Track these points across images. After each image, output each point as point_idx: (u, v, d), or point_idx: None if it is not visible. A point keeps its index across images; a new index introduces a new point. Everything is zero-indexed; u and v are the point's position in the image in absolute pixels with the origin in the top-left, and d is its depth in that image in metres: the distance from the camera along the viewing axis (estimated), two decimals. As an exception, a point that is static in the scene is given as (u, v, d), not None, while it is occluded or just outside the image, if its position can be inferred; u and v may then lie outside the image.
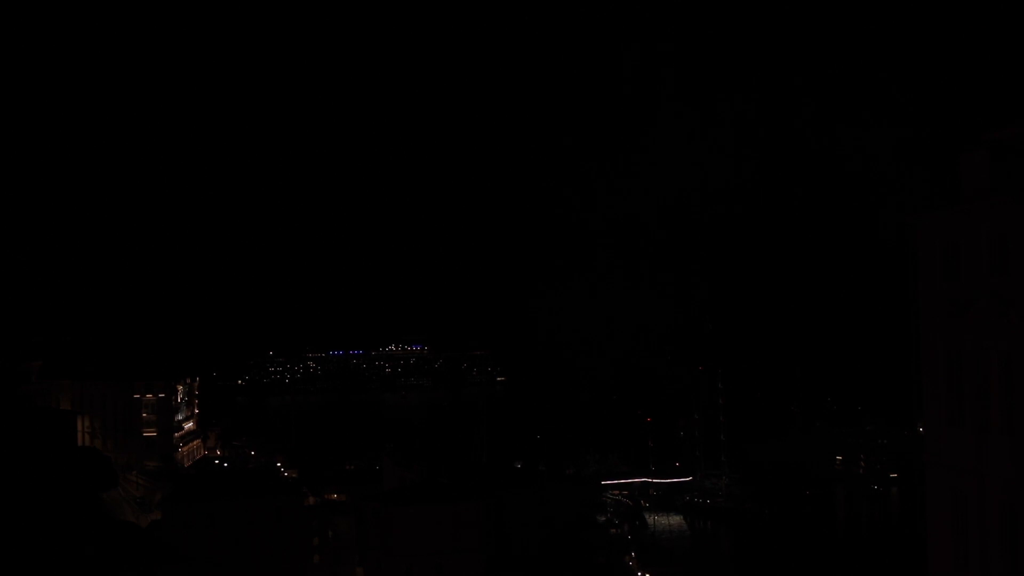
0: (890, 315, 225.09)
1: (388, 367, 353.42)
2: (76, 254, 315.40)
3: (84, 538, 78.97)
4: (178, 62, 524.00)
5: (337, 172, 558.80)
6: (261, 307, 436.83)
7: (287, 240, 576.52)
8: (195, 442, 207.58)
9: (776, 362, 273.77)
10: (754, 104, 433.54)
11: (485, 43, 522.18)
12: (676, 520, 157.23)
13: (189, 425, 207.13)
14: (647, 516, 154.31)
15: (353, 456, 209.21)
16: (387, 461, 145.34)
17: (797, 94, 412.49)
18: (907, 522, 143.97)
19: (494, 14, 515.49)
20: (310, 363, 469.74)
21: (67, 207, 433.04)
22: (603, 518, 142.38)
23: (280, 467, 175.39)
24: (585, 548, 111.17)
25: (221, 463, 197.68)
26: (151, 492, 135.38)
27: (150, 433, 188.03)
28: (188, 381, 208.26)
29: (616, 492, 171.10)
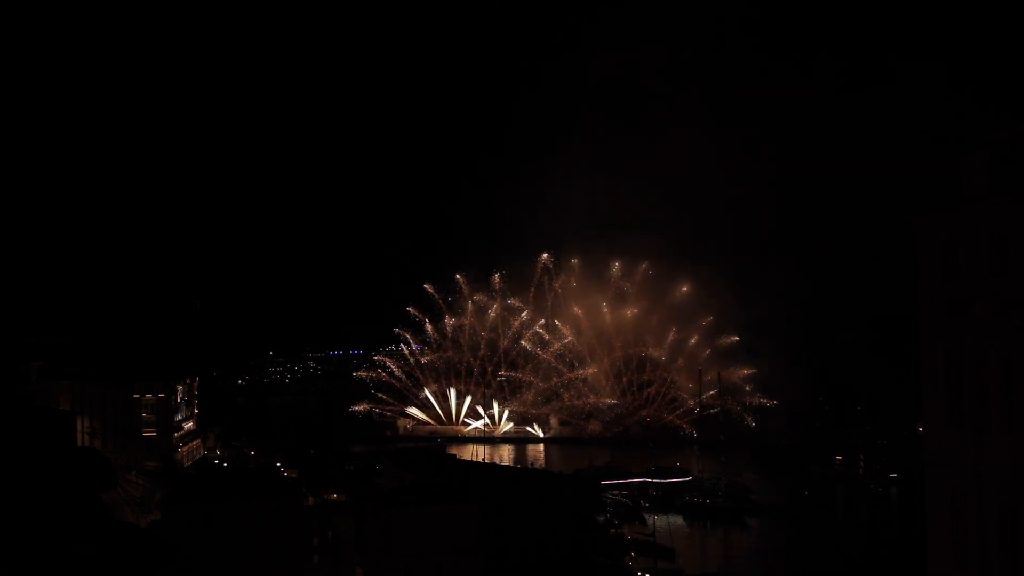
0: (890, 315, 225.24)
1: (389, 365, 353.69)
2: (76, 254, 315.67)
3: (84, 538, 78.97)
4: (178, 64, 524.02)
5: (337, 172, 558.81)
6: (261, 307, 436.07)
7: (288, 240, 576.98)
8: (195, 442, 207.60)
9: (776, 362, 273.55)
10: (757, 102, 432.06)
11: (487, 45, 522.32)
12: (676, 520, 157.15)
13: (189, 425, 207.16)
14: (647, 516, 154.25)
15: (353, 456, 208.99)
16: (387, 461, 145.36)
17: (799, 92, 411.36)
18: (907, 522, 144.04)
19: (497, 14, 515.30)
20: (310, 363, 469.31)
21: (67, 207, 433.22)
22: (603, 518, 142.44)
23: (280, 467, 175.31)
24: (585, 548, 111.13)
25: (221, 463, 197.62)
26: (151, 492, 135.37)
27: (150, 433, 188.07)
28: (188, 381, 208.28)
29: (616, 492, 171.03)
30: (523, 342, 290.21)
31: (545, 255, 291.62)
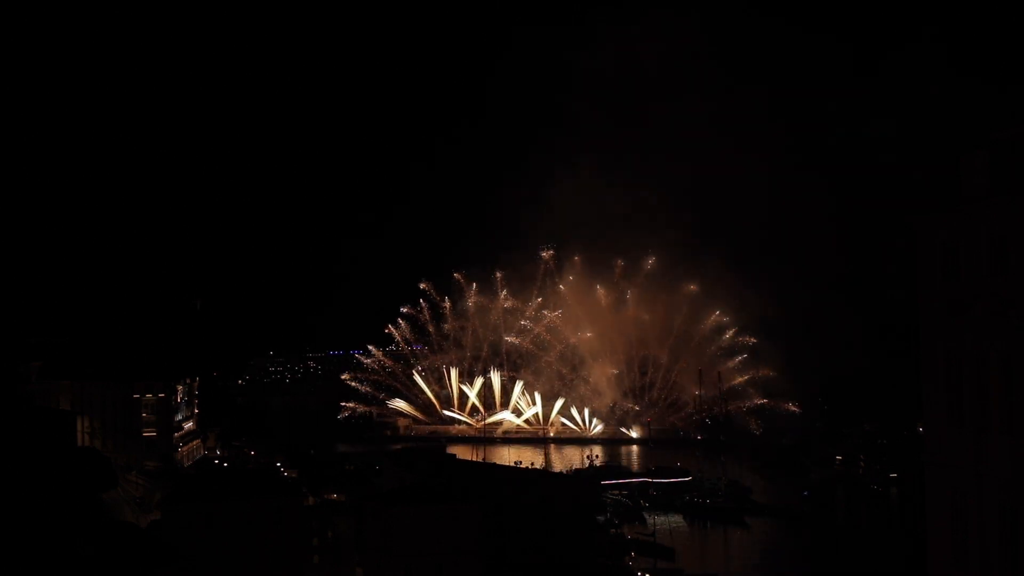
0: (891, 315, 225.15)
1: (389, 367, 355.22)
2: (76, 254, 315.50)
3: (84, 538, 78.97)
4: (178, 62, 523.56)
5: (335, 170, 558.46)
6: (261, 307, 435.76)
7: (288, 240, 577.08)
8: (195, 442, 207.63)
9: (778, 363, 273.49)
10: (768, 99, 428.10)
11: (486, 39, 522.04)
12: (676, 520, 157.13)
13: (189, 425, 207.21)
14: (647, 516, 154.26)
15: (353, 456, 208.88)
16: (387, 461, 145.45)
17: (807, 92, 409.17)
18: (907, 522, 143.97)
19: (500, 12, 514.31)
20: (310, 363, 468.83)
21: (67, 207, 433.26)
22: (603, 518, 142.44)
23: (280, 467, 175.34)
24: (585, 548, 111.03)
25: (221, 463, 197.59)
26: (151, 492, 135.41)
27: (150, 433, 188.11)
28: (188, 381, 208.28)
29: (616, 492, 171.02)
30: (511, 339, 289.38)
31: (546, 253, 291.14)
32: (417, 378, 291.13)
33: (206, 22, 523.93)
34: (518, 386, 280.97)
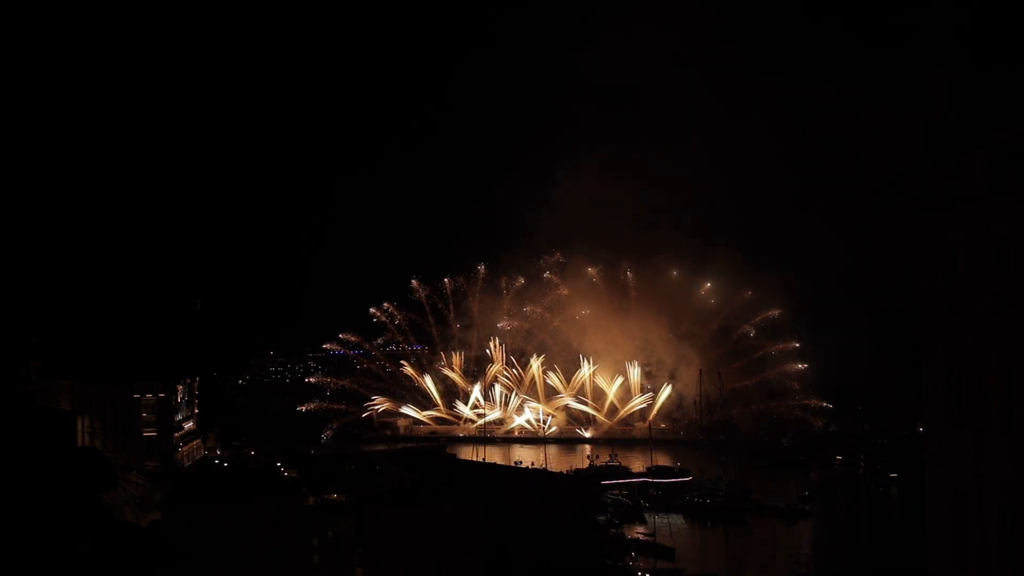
0: (891, 314, 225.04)
1: (389, 367, 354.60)
2: (76, 254, 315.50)
3: (84, 538, 79.00)
4: (179, 62, 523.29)
5: (335, 168, 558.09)
6: (261, 307, 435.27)
7: (288, 240, 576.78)
8: (195, 442, 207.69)
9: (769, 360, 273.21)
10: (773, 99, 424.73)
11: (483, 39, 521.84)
12: (676, 520, 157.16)
13: (189, 425, 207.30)
14: (647, 516, 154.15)
15: (353, 456, 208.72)
16: (387, 461, 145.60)
17: (811, 89, 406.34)
18: (907, 522, 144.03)
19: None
20: (310, 363, 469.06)
21: (66, 207, 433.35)
22: (603, 518, 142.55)
23: (280, 467, 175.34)
24: (585, 548, 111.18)
25: (221, 463, 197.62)
26: (151, 492, 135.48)
27: (150, 433, 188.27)
28: (188, 381, 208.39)
29: (616, 492, 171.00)
30: (501, 341, 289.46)
31: (550, 257, 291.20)
32: (409, 369, 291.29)
33: (202, 26, 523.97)
34: (535, 363, 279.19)
